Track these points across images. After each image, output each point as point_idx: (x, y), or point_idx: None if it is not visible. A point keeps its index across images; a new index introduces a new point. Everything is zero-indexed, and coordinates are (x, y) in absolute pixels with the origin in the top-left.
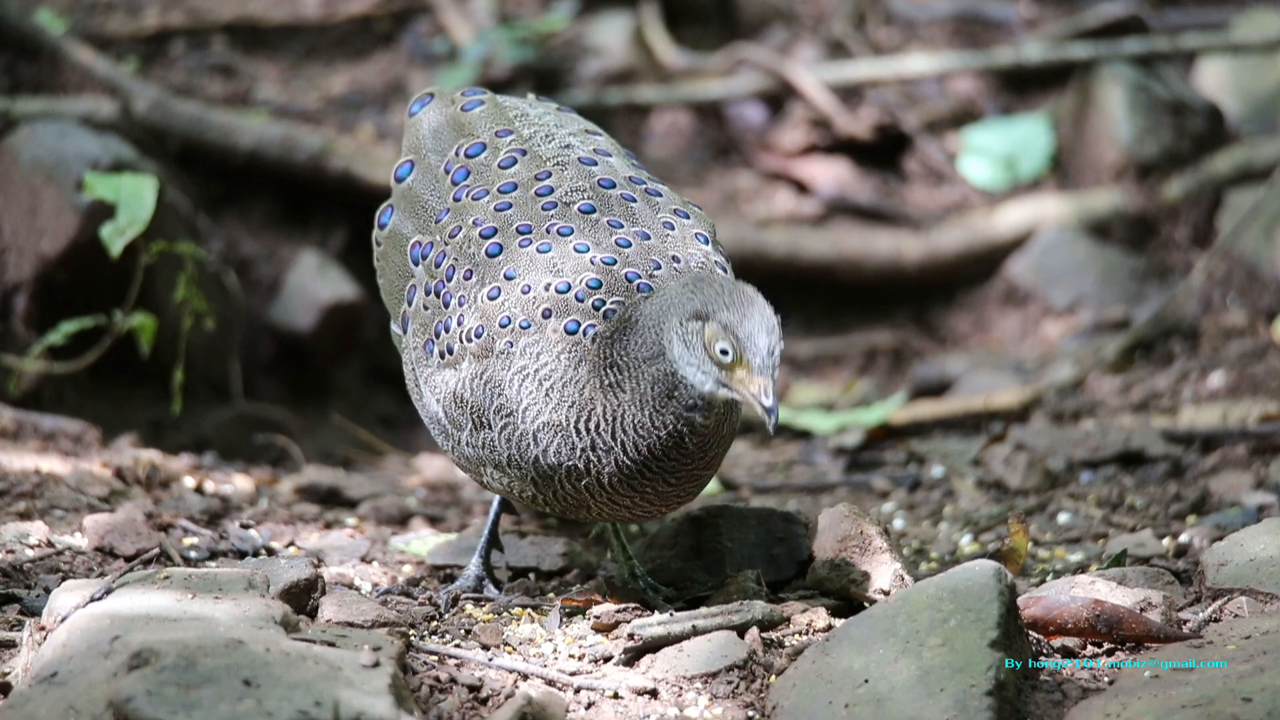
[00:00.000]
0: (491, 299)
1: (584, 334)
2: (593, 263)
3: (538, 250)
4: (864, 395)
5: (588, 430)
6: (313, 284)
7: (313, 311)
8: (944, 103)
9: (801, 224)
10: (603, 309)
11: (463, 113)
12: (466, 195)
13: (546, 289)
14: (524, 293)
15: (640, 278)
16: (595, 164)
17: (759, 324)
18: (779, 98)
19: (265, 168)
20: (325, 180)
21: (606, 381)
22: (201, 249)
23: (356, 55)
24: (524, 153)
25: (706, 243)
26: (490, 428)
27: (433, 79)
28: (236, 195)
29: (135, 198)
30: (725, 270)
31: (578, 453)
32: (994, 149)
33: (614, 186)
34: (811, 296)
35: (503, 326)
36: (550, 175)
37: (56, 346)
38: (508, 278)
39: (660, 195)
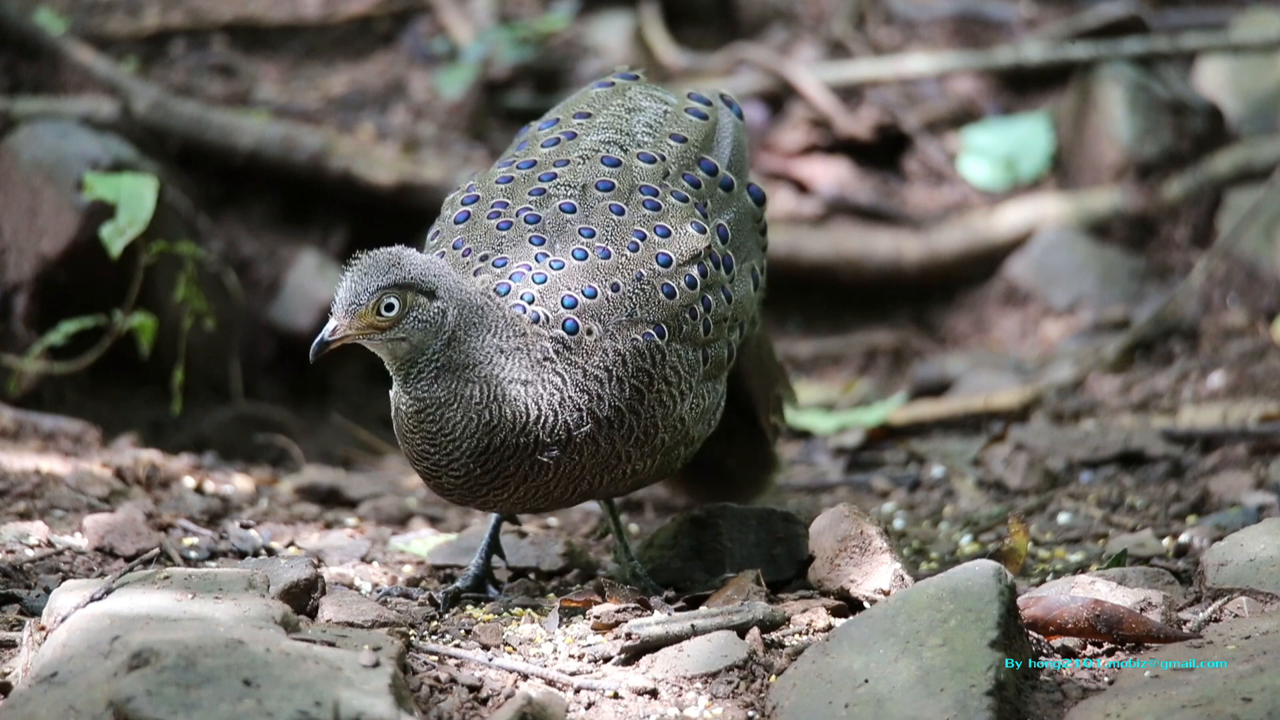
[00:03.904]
0: None
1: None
2: (538, 260)
3: (496, 227)
4: (864, 395)
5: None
6: (313, 284)
7: (313, 311)
8: (944, 103)
9: (801, 224)
10: (530, 301)
11: (591, 89)
12: (498, 167)
13: (484, 259)
14: (461, 254)
15: (573, 306)
16: (618, 165)
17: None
18: (779, 98)
19: (265, 168)
20: (325, 180)
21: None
22: (201, 249)
23: (356, 55)
24: (572, 136)
25: (667, 264)
26: None
27: (432, 79)
28: (236, 195)
29: (135, 198)
30: (674, 295)
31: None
32: (994, 149)
33: (610, 190)
34: (811, 296)
35: None
36: (567, 165)
37: (56, 346)
38: (455, 247)
39: (658, 209)
